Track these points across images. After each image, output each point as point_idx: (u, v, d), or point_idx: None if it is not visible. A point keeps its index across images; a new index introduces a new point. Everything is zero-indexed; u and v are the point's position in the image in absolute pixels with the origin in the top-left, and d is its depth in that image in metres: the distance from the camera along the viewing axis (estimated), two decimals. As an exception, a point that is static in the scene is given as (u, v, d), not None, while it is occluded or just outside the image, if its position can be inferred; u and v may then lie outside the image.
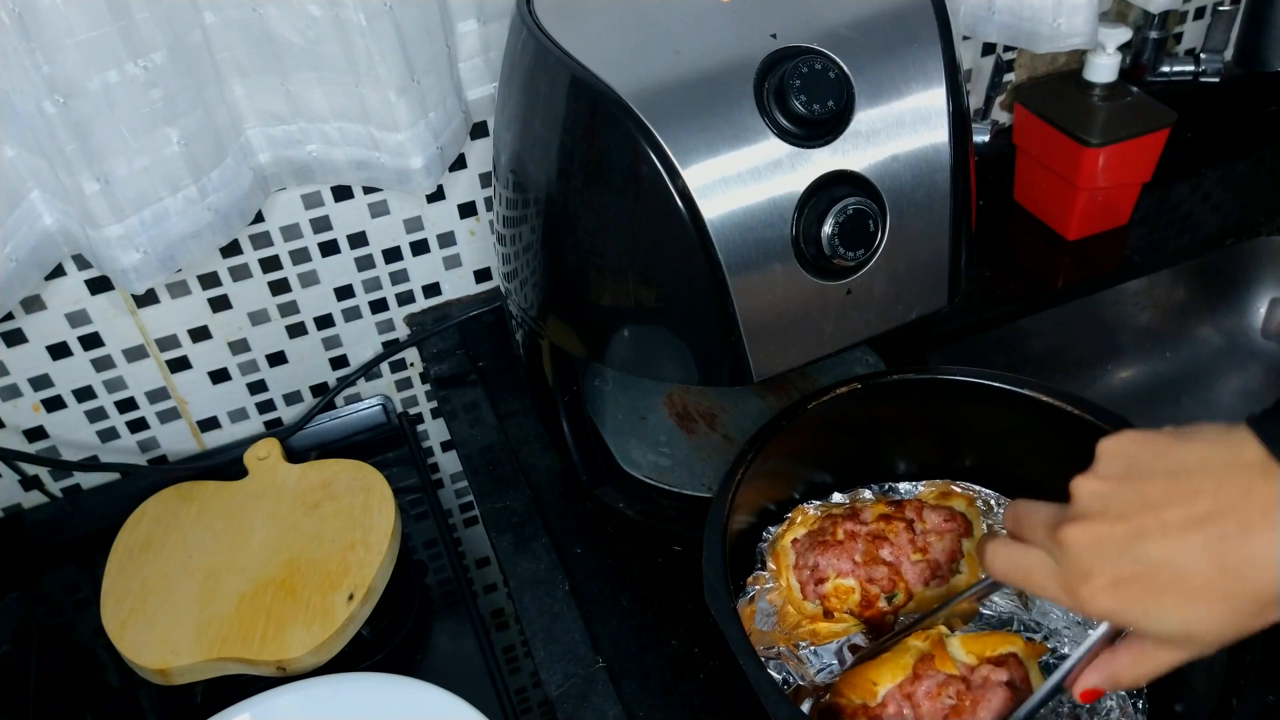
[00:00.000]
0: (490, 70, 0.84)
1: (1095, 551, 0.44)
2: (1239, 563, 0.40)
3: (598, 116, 0.58)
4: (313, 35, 0.73)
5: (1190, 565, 0.41)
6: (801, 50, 0.59)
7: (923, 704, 0.56)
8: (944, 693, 0.56)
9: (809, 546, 0.66)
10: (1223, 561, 0.41)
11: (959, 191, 0.63)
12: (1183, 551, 0.41)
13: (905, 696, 0.57)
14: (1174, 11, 1.05)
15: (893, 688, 0.57)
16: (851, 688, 0.58)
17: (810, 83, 0.57)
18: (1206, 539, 0.41)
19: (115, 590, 0.78)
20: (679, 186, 0.57)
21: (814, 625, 0.64)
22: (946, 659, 0.58)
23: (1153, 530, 0.42)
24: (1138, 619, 0.43)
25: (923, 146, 0.61)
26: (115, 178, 0.70)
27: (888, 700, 0.57)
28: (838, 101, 0.58)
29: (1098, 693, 0.49)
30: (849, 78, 0.59)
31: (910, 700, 0.56)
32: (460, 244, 0.95)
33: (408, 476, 0.91)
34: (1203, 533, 0.41)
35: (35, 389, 0.85)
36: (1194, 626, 0.42)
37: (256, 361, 0.93)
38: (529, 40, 0.62)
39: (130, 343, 0.86)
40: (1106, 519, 0.44)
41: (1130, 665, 0.46)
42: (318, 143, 0.80)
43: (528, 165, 0.65)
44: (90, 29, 0.65)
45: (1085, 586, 0.44)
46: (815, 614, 0.65)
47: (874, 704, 0.57)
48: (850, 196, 0.59)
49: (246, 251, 0.86)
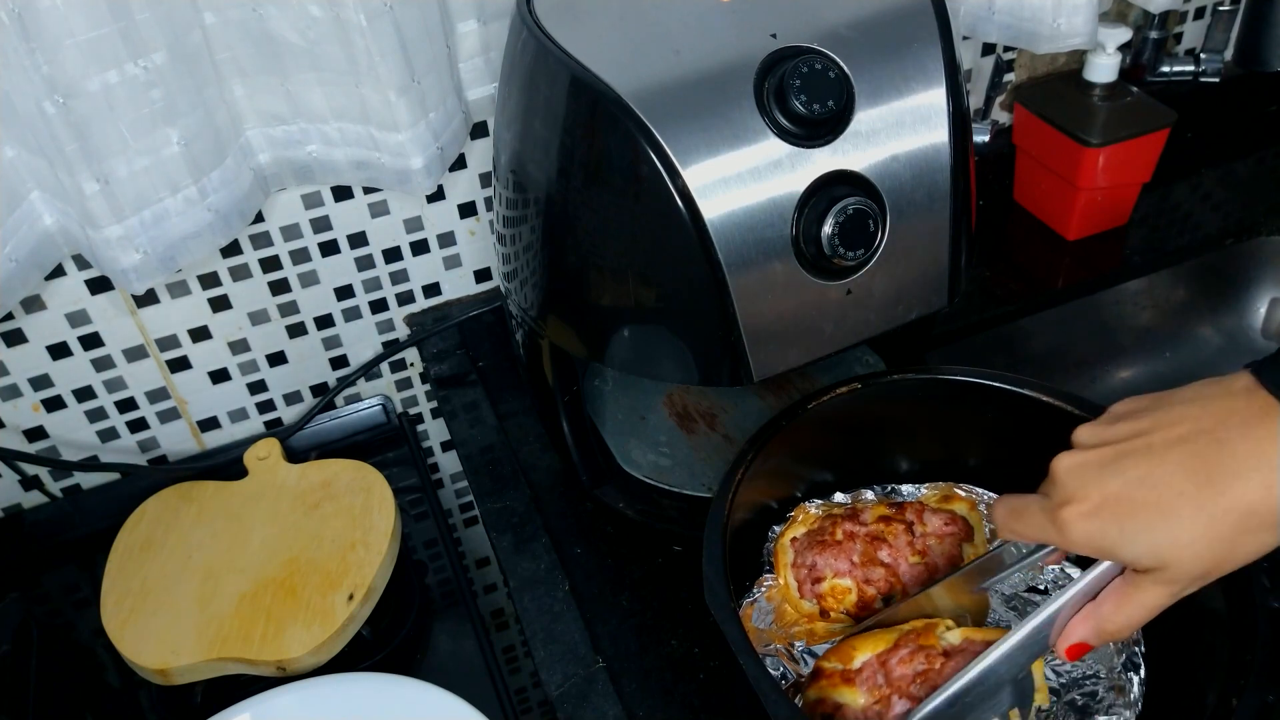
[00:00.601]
0: (490, 70, 0.84)
1: (1079, 475, 0.45)
2: (1214, 472, 0.41)
3: (598, 116, 0.58)
4: (313, 35, 0.73)
5: (1167, 479, 0.42)
6: (801, 50, 0.59)
7: (895, 670, 0.57)
8: (916, 659, 0.57)
9: (807, 545, 0.66)
10: (1198, 473, 0.41)
11: (959, 191, 0.63)
12: (1161, 466, 0.42)
13: (880, 663, 0.58)
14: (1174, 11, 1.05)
15: (871, 656, 0.58)
16: (835, 653, 0.60)
17: (810, 82, 0.57)
18: (1184, 454, 0.42)
19: (115, 590, 0.78)
20: (679, 186, 0.57)
21: (811, 625, 0.64)
22: (934, 638, 0.58)
23: (1137, 451, 0.43)
24: (1114, 542, 0.43)
25: (923, 146, 0.61)
26: (115, 178, 0.70)
27: (864, 667, 0.58)
28: (838, 101, 0.58)
29: (1084, 648, 0.49)
30: (849, 77, 0.59)
31: (884, 666, 0.58)
32: (460, 244, 0.95)
33: (408, 476, 0.91)
34: (1182, 448, 0.42)
35: (35, 389, 0.85)
36: (1171, 549, 0.42)
37: (256, 361, 0.92)
38: (529, 40, 0.62)
39: (130, 343, 0.86)
40: (1095, 449, 0.45)
41: (1114, 611, 0.46)
42: (318, 143, 0.80)
43: (528, 165, 0.65)
44: (90, 29, 0.65)
45: (1066, 510, 0.45)
46: (812, 613, 0.65)
47: (850, 668, 0.58)
48: (850, 196, 0.59)
49: (246, 251, 0.86)
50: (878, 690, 0.57)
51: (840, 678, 0.58)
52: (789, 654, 0.63)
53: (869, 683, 0.57)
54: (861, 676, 0.58)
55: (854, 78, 0.59)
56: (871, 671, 0.58)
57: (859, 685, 0.57)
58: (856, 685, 0.57)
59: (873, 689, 0.57)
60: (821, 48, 0.59)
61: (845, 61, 0.59)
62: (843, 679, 0.58)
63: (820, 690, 0.58)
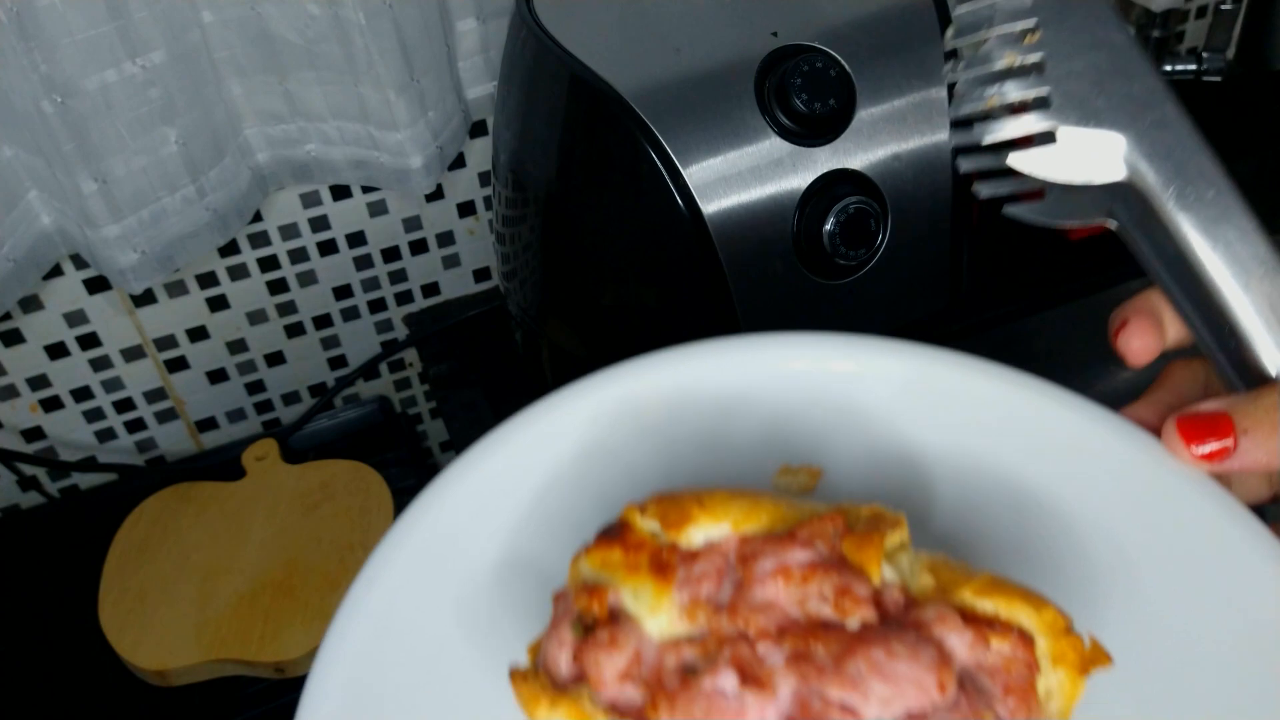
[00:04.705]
0: (490, 69, 0.84)
1: None
2: None
3: (598, 115, 0.58)
4: (311, 34, 0.73)
5: None
6: (802, 48, 0.58)
7: (768, 584, 0.31)
8: (816, 582, 0.31)
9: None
10: None
11: (961, 191, 0.63)
12: None
13: (742, 559, 0.31)
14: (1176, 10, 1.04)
15: (732, 535, 0.32)
16: (667, 504, 0.33)
17: (811, 81, 0.57)
18: None
19: (113, 591, 0.77)
20: (679, 185, 0.57)
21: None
22: (876, 562, 0.32)
23: None
24: None
25: (924, 145, 0.61)
26: (113, 177, 0.70)
27: (711, 550, 0.32)
28: (839, 100, 0.58)
29: (1213, 437, 0.39)
30: (850, 76, 0.59)
31: (746, 566, 0.31)
32: (459, 243, 0.94)
33: (407, 477, 0.91)
34: None
35: (33, 389, 0.85)
36: None
37: (255, 361, 0.92)
38: (529, 38, 0.62)
39: (128, 343, 0.86)
40: None
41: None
42: (316, 142, 0.79)
43: (527, 164, 0.65)
44: (88, 28, 0.65)
45: None
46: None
47: (684, 545, 0.32)
48: (851, 195, 0.58)
49: (245, 251, 0.86)
50: (708, 615, 0.32)
51: (649, 558, 0.32)
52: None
53: (699, 587, 0.32)
54: (693, 569, 0.32)
55: (855, 76, 0.59)
56: (715, 567, 0.32)
57: (676, 586, 0.32)
58: (671, 583, 0.32)
59: (699, 608, 0.32)
60: (823, 46, 0.59)
61: (846, 59, 0.59)
62: (653, 562, 0.32)
63: (599, 563, 0.33)
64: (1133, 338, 0.43)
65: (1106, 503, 0.40)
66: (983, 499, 0.41)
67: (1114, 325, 0.44)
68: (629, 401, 0.43)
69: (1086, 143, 0.41)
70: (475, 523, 0.41)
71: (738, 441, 0.43)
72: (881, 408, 0.43)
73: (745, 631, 0.30)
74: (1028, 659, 0.31)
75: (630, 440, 0.42)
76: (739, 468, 0.40)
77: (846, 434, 0.43)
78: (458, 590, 0.39)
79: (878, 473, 0.42)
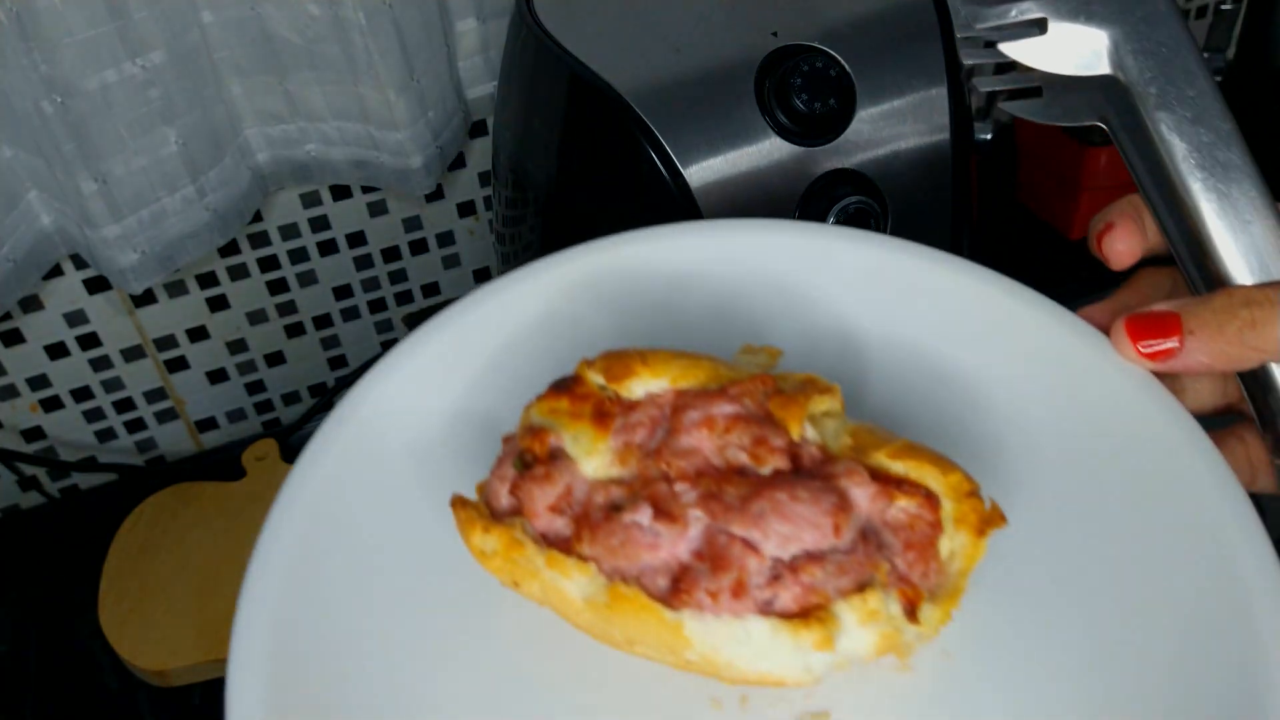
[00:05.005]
0: (490, 69, 0.84)
1: None
2: None
3: (598, 115, 0.58)
4: (311, 34, 0.73)
5: None
6: (803, 48, 0.58)
7: (693, 432, 0.33)
8: (737, 433, 0.33)
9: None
10: None
11: (961, 190, 0.62)
12: None
13: (676, 409, 0.34)
14: (1176, 10, 1.04)
15: (669, 389, 0.35)
16: (612, 361, 0.35)
17: (811, 81, 0.57)
18: None
19: (113, 591, 0.77)
20: (679, 185, 0.57)
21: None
22: (798, 419, 0.34)
23: None
24: None
25: (924, 145, 0.61)
26: (113, 178, 0.69)
27: (648, 401, 0.35)
28: (839, 100, 0.58)
29: (1160, 336, 0.39)
30: (850, 75, 0.59)
31: (678, 416, 0.34)
32: (459, 243, 0.94)
33: (407, 477, 0.91)
34: None
35: (33, 389, 0.85)
36: None
37: (255, 362, 0.92)
38: (529, 38, 0.62)
39: (128, 343, 0.86)
40: None
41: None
42: (316, 142, 0.79)
43: (527, 164, 0.65)
44: (88, 28, 0.65)
45: None
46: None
47: (626, 395, 0.35)
48: (852, 196, 0.58)
49: (245, 251, 0.86)
50: (639, 460, 0.34)
51: (592, 407, 0.34)
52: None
53: (633, 434, 0.34)
54: (630, 418, 0.34)
55: (855, 76, 0.59)
56: (650, 417, 0.34)
57: (613, 432, 0.34)
58: (609, 430, 0.34)
59: (631, 453, 0.34)
60: (822, 45, 0.59)
61: (846, 59, 0.59)
62: (595, 410, 0.34)
63: (547, 411, 0.35)
64: (1117, 240, 0.43)
65: (1044, 393, 0.42)
66: (921, 381, 0.43)
67: (1097, 229, 0.44)
68: (588, 274, 0.46)
69: (1075, 35, 0.41)
70: (438, 379, 0.43)
71: (690, 315, 0.45)
72: (829, 291, 0.45)
73: (667, 473, 0.33)
74: (932, 519, 0.33)
75: (588, 309, 0.45)
76: (690, 339, 0.41)
77: (794, 314, 0.45)
78: (415, 437, 0.42)
79: (820, 350, 0.44)
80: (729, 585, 0.31)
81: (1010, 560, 0.38)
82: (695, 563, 0.32)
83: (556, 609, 0.35)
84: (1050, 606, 0.38)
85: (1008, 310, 0.45)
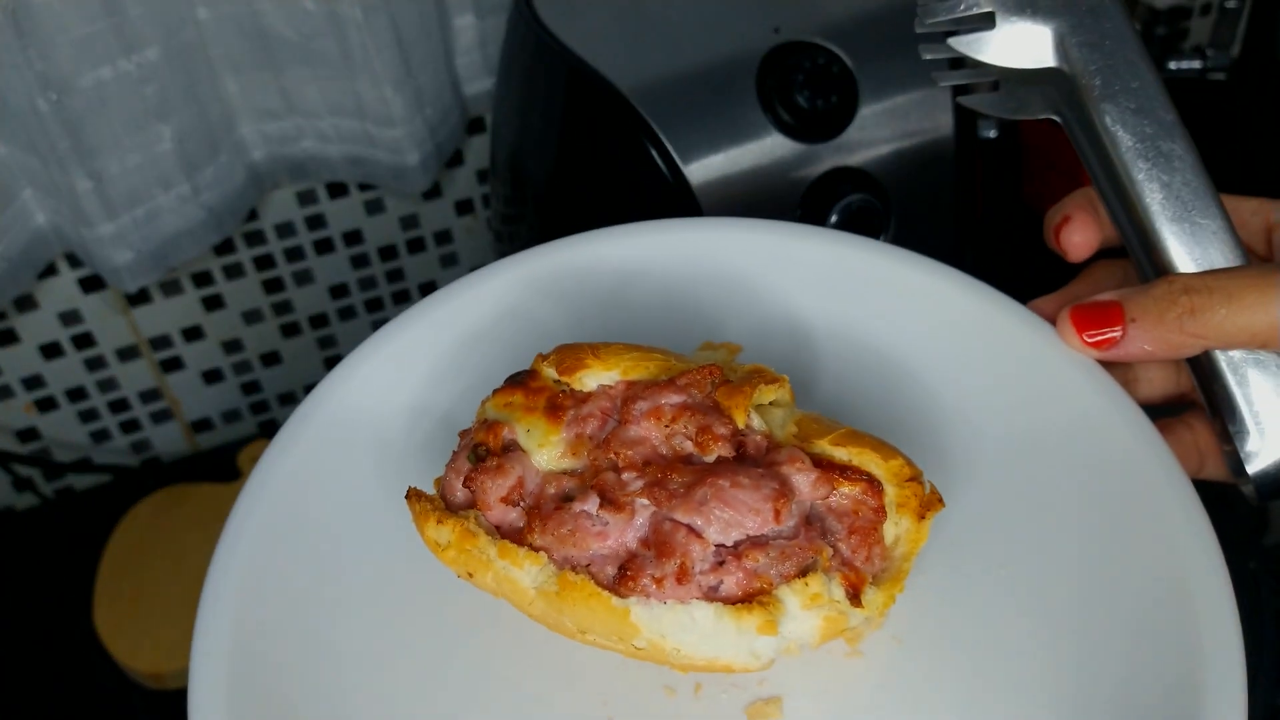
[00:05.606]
0: (488, 65, 0.84)
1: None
2: None
3: (597, 112, 0.58)
4: (307, 30, 0.72)
5: None
6: (804, 45, 0.58)
7: (641, 423, 0.36)
8: (684, 422, 0.35)
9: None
10: None
11: (964, 188, 0.62)
12: None
13: (626, 400, 0.36)
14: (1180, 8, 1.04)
15: (620, 381, 0.37)
16: (565, 354, 0.38)
17: (813, 77, 0.57)
18: None
19: (108, 593, 0.77)
20: (680, 183, 0.56)
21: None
22: (743, 409, 0.36)
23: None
24: None
25: (927, 142, 0.60)
26: (108, 175, 0.69)
27: (600, 393, 0.37)
28: (841, 96, 0.57)
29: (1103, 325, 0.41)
30: (852, 72, 0.58)
31: (627, 407, 0.36)
32: (457, 241, 0.94)
33: (404, 477, 0.90)
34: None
35: (28, 389, 0.84)
36: None
37: (250, 361, 0.92)
38: (528, 34, 0.61)
39: (123, 342, 0.85)
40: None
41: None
42: (312, 139, 0.79)
43: (526, 162, 0.64)
44: (83, 26, 0.64)
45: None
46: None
47: (578, 387, 0.38)
48: (854, 193, 0.58)
49: (240, 249, 0.85)
50: (590, 451, 0.36)
51: (546, 400, 0.36)
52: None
53: (584, 426, 0.36)
54: (582, 410, 0.36)
55: (857, 72, 0.58)
56: (601, 408, 0.36)
57: (565, 425, 0.36)
58: (562, 422, 0.36)
59: (582, 444, 0.36)
60: (825, 42, 0.58)
61: (849, 56, 0.58)
62: (548, 404, 0.36)
63: (502, 404, 0.37)
64: (1074, 233, 0.45)
65: (993, 383, 0.44)
66: (872, 372, 0.45)
67: (1054, 222, 0.45)
68: (543, 272, 0.48)
69: (1023, 29, 0.43)
70: (398, 377, 0.45)
71: (647, 312, 0.47)
72: (780, 286, 0.47)
73: (616, 463, 0.35)
74: (875, 504, 0.35)
75: (544, 305, 0.47)
76: (647, 335, 0.43)
77: (747, 309, 0.47)
78: (376, 434, 0.44)
79: (772, 343, 0.46)
80: (673, 572, 0.33)
81: (958, 547, 0.40)
82: (641, 550, 0.34)
83: (510, 600, 0.36)
84: (997, 591, 0.39)
85: (958, 303, 0.46)
